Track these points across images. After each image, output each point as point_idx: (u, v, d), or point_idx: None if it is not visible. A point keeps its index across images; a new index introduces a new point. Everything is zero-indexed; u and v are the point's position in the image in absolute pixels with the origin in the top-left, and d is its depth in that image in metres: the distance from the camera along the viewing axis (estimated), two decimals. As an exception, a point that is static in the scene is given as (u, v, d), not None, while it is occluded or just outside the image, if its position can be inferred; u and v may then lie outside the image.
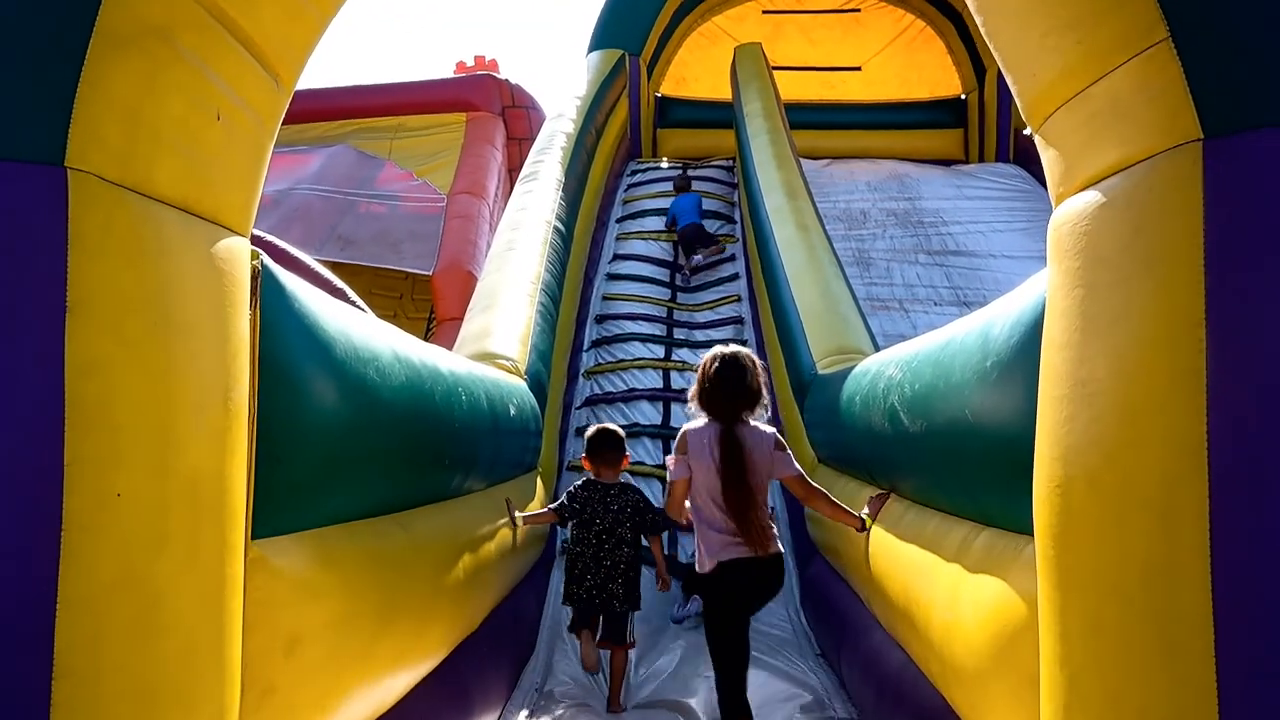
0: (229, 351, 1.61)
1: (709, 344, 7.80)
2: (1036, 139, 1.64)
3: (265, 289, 1.88)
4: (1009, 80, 1.66)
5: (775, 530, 3.24)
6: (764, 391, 3.24)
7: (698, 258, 9.01)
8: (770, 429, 3.30)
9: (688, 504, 3.24)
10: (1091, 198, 1.44)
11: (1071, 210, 1.50)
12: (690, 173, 10.85)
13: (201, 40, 1.49)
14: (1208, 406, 1.25)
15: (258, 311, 1.84)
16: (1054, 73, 1.50)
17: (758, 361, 3.28)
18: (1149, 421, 1.32)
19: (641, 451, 6.77)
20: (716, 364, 3.21)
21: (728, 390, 3.17)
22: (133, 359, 1.36)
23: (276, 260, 2.00)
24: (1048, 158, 1.60)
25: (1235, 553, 1.24)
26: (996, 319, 2.21)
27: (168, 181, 1.44)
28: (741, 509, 3.09)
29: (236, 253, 1.66)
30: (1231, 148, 1.25)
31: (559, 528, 4.99)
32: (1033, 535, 1.77)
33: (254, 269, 1.83)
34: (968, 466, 2.43)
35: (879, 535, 3.31)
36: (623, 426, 5.37)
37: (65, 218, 1.26)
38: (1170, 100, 1.28)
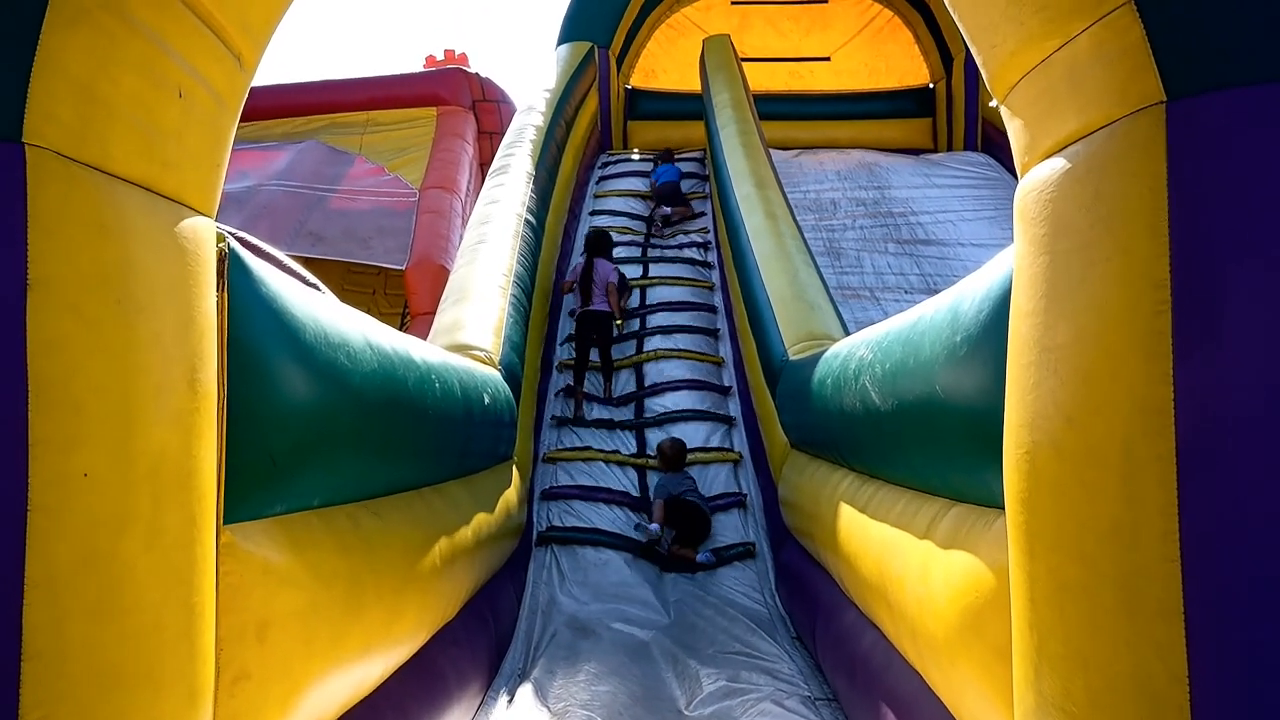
0: (195, 332, 1.58)
1: (683, 330, 7.91)
2: (1002, 110, 1.65)
3: (233, 272, 1.85)
4: (974, 52, 1.67)
5: (607, 300, 7.35)
6: (610, 248, 7.96)
7: (667, 209, 10.04)
8: (614, 266, 7.65)
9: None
10: (1055, 165, 1.45)
11: (1036, 179, 1.51)
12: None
13: (157, 15, 1.46)
14: (1174, 367, 1.25)
15: (225, 294, 1.82)
16: (1016, 42, 1.51)
17: (612, 236, 8.27)
18: (1109, 384, 1.34)
19: (617, 441, 6.76)
20: (591, 234, 8.09)
21: (591, 246, 7.78)
22: (93, 338, 1.33)
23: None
24: (1013, 128, 1.61)
25: (1204, 512, 1.25)
26: (966, 295, 2.23)
27: (126, 159, 1.42)
28: (586, 289, 7.33)
29: (200, 232, 1.64)
30: (1195, 109, 1.25)
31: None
32: (1002, 508, 1.79)
33: (221, 252, 1.81)
34: (938, 442, 2.45)
35: (851, 515, 3.33)
36: (598, 420, 5.53)
37: (24, 194, 1.24)
38: (1132, 63, 1.29)
